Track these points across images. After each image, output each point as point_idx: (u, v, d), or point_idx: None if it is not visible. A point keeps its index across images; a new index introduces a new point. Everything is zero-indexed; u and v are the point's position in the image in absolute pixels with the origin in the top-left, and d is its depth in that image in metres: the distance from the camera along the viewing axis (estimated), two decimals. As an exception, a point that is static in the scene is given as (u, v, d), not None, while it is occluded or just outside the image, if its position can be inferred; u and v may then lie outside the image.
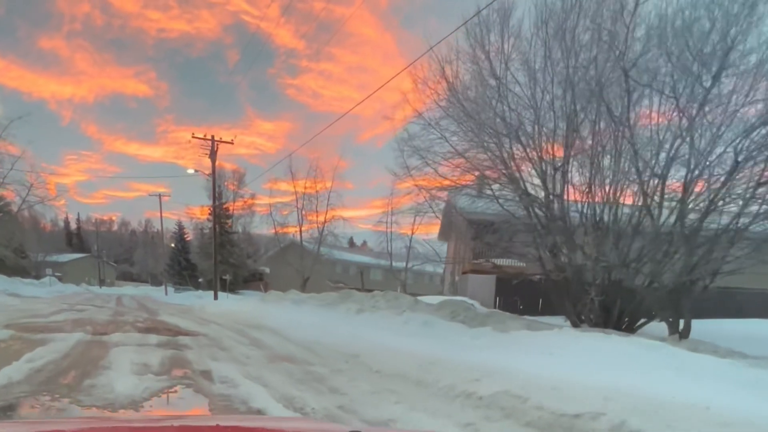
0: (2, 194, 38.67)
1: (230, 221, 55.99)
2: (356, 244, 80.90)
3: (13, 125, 33.71)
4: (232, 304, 26.92)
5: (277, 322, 15.61)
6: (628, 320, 12.15)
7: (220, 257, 37.29)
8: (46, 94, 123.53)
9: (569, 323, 13.02)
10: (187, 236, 67.38)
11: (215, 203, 38.32)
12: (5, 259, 40.32)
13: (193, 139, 33.75)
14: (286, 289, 26.14)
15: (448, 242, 31.62)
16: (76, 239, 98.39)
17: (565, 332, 8.12)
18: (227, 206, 55.13)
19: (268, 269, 56.49)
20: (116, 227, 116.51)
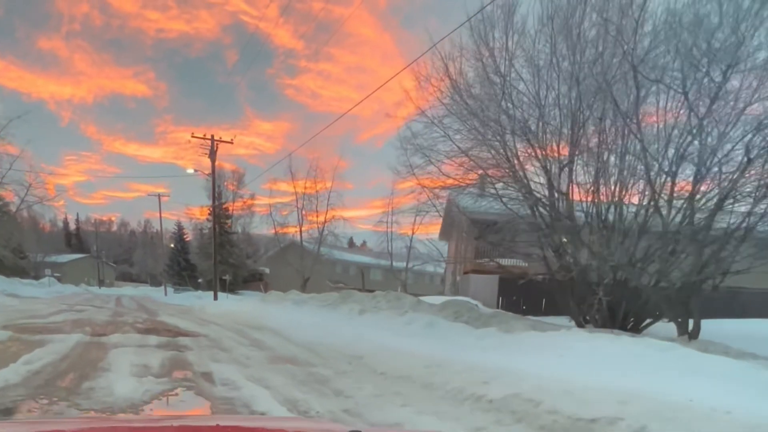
0: (1, 194, 38.48)
1: (230, 221, 55.90)
2: (356, 244, 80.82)
3: (11, 125, 33.51)
4: (232, 304, 26.77)
5: (277, 322, 15.50)
6: (633, 320, 12.01)
7: (219, 257, 37.15)
8: (45, 94, 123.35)
9: (574, 323, 12.88)
10: (186, 237, 67.33)
11: (215, 203, 38.15)
12: (4, 259, 40.16)
13: (192, 138, 33.63)
14: (285, 289, 26.00)
15: (449, 242, 31.49)
16: (75, 240, 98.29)
17: (573, 333, 7.97)
18: (226, 206, 55.06)
19: (267, 269, 56.38)
20: (115, 228, 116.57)
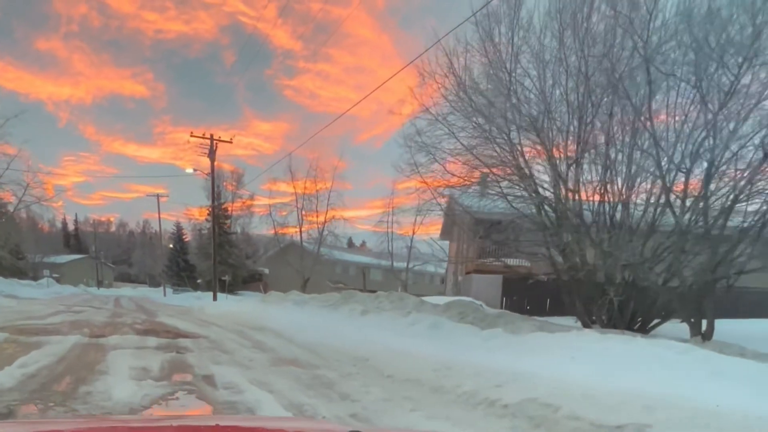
0: (-1, 194, 38.23)
1: (229, 222, 55.68)
2: (355, 244, 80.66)
3: (9, 124, 33.23)
4: (231, 305, 26.57)
5: (278, 323, 15.30)
6: (641, 321, 11.81)
7: (218, 258, 36.92)
8: (43, 95, 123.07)
9: (580, 324, 12.69)
10: (185, 237, 67.09)
11: (214, 203, 37.92)
12: (2, 260, 40.01)
13: (191, 138, 33.40)
14: (285, 289, 25.79)
15: (450, 242, 31.31)
16: (74, 240, 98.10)
17: (584, 334, 7.75)
18: (226, 206, 54.85)
19: (267, 270, 56.19)
20: (114, 228, 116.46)
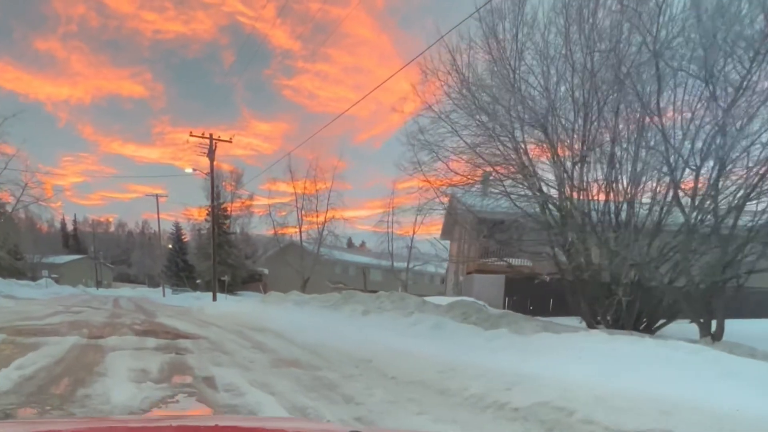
0: (-3, 194, 38.03)
1: (228, 222, 55.51)
2: (354, 244, 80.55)
3: (7, 124, 33.03)
4: (231, 305, 26.41)
5: (279, 324, 15.14)
6: (646, 321, 11.68)
7: (218, 258, 36.73)
8: (42, 95, 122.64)
9: (584, 324, 12.56)
10: (184, 237, 66.92)
11: (214, 203, 37.75)
12: (0, 260, 39.80)
13: (191, 137, 33.22)
14: (285, 290, 25.65)
15: (451, 242, 31.18)
16: (72, 241, 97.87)
17: (591, 335, 7.61)
18: (225, 206, 54.67)
19: (266, 270, 56.01)
20: (113, 229, 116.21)
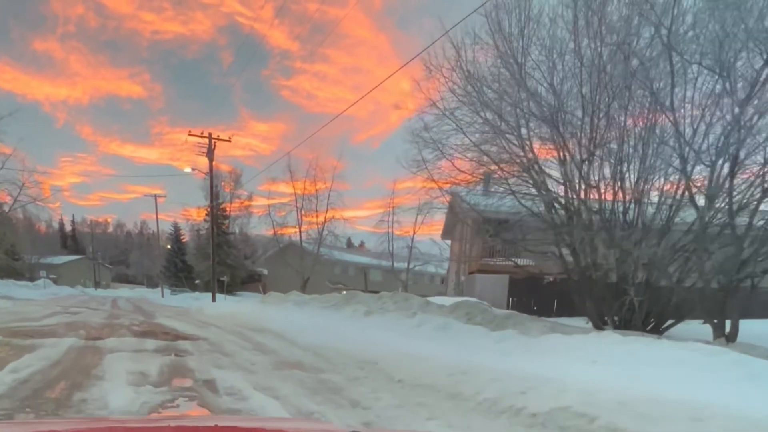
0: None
1: (227, 222, 55.25)
2: (354, 244, 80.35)
3: (4, 123, 32.82)
4: (230, 306, 26.18)
5: (279, 324, 14.93)
6: (654, 321, 11.47)
7: (217, 258, 36.49)
8: (40, 96, 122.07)
9: (591, 325, 12.37)
10: (183, 238, 66.65)
11: (213, 203, 37.50)
12: (-2, 260, 39.57)
13: (190, 137, 33.01)
14: (284, 290, 25.45)
15: (452, 241, 31.03)
16: (71, 241, 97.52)
17: (605, 336, 7.40)
18: (224, 207, 54.40)
19: (266, 270, 55.74)
20: (111, 229, 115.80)
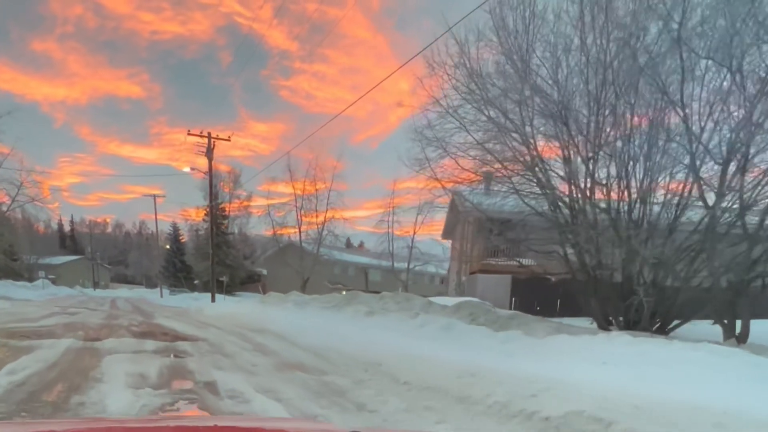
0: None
1: (226, 222, 55.08)
2: (353, 244, 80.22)
3: (1, 122, 32.65)
4: (230, 306, 26.03)
5: (280, 325, 14.77)
6: (660, 322, 11.32)
7: (216, 258, 36.32)
8: (38, 96, 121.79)
9: (596, 325, 12.23)
10: (182, 238, 66.45)
11: (212, 202, 37.33)
12: (-5, 261, 39.40)
13: (189, 136, 32.84)
14: (284, 290, 25.33)
15: (452, 241, 30.90)
16: (69, 241, 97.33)
17: (614, 337, 7.25)
18: (223, 207, 54.23)
19: (265, 271, 55.59)
20: (110, 229, 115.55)
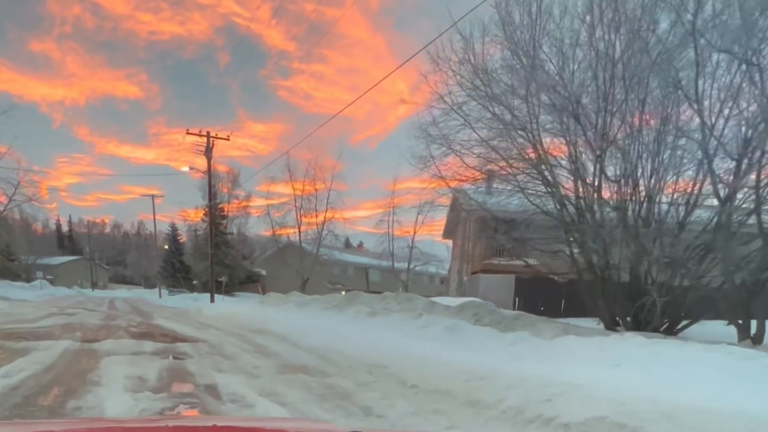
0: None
1: (225, 222, 54.89)
2: (352, 244, 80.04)
3: (-1, 121, 32.28)
4: (229, 306, 25.81)
5: (280, 326, 14.57)
6: (668, 322, 11.15)
7: (215, 259, 36.09)
8: (36, 96, 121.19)
9: (602, 326, 12.06)
10: (180, 238, 66.32)
11: (211, 201, 37.11)
12: (-7, 261, 39.20)
13: (187, 135, 32.61)
14: (283, 290, 25.15)
15: (453, 241, 30.71)
16: (68, 242, 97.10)
17: (627, 339, 7.05)
18: (222, 207, 54.01)
19: (264, 271, 55.38)
20: (108, 230, 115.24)
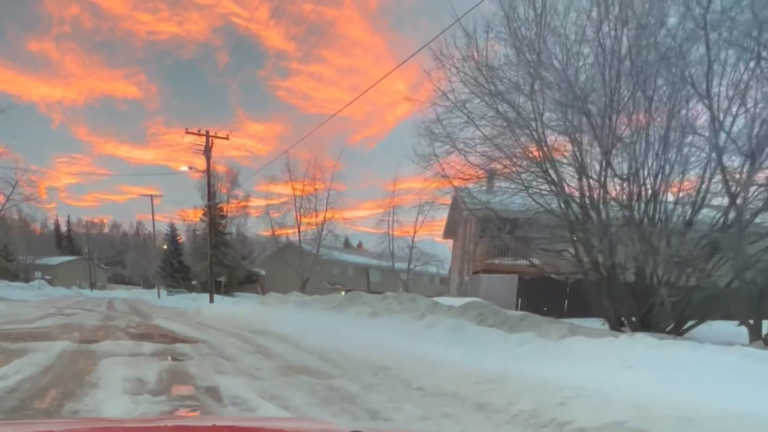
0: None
1: (224, 222, 54.70)
2: (351, 244, 79.88)
3: (-3, 121, 32.17)
4: (229, 307, 25.65)
5: (281, 326, 14.41)
6: (674, 322, 11.00)
7: (214, 259, 35.91)
8: (35, 96, 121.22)
9: (608, 326, 11.92)
10: (179, 238, 66.13)
11: (210, 201, 36.92)
12: (-9, 261, 39.03)
13: (186, 135, 32.41)
14: (283, 291, 25.01)
15: (454, 241, 30.57)
16: (66, 242, 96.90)
17: (637, 340, 6.89)
18: (221, 207, 53.81)
19: (263, 271, 55.23)
20: (107, 230, 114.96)
